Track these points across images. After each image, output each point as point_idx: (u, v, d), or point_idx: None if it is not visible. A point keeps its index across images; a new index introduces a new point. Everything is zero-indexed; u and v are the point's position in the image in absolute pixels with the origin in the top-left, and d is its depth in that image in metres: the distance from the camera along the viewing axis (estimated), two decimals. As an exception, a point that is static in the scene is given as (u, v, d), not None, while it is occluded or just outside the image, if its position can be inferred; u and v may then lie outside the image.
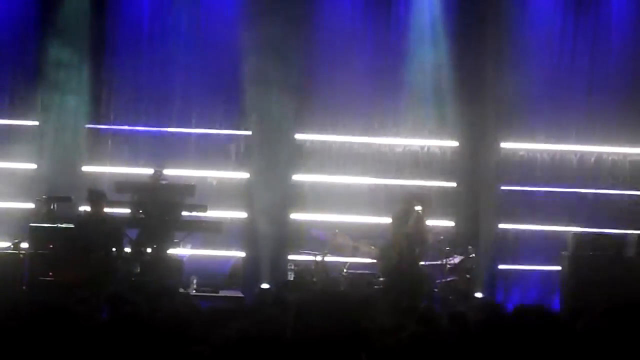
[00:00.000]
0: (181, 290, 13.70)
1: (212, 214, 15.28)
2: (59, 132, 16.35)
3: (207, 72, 16.59)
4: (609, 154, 16.81)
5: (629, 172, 16.81)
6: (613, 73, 16.62)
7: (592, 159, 16.82)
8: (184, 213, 14.52)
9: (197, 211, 14.74)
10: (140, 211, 14.31)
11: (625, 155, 16.84)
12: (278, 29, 16.34)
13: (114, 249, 13.31)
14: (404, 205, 14.35)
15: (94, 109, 16.53)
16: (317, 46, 16.68)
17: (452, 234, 15.86)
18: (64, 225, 14.20)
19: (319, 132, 16.82)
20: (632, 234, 16.02)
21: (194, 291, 14.82)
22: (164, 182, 14.90)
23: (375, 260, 14.92)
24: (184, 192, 14.77)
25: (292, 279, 15.03)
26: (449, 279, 14.48)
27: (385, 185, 16.64)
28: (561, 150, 16.83)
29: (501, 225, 16.70)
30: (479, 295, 15.45)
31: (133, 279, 13.63)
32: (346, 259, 15.03)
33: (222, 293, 15.24)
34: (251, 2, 16.53)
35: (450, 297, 14.41)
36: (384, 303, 10.62)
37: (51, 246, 13.84)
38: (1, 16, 16.58)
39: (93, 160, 16.47)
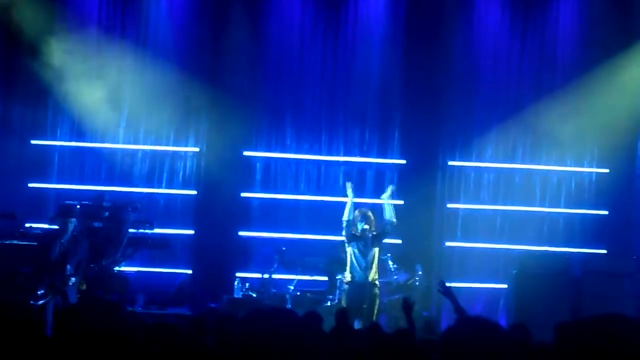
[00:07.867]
0: (128, 307, 13.54)
1: (159, 231, 15.21)
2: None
3: (156, 89, 16.48)
4: (554, 172, 16.96)
5: (575, 190, 16.97)
6: (558, 95, 16.75)
7: (539, 178, 16.95)
8: (130, 230, 14.43)
9: (143, 228, 14.64)
10: (85, 228, 14.18)
11: (571, 174, 17.00)
12: (226, 44, 16.39)
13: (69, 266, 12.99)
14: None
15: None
16: (266, 64, 16.71)
17: (399, 252, 15.85)
18: (6, 242, 14.03)
19: (267, 149, 16.80)
20: (578, 252, 16.16)
21: (140, 308, 14.70)
22: (109, 198, 14.80)
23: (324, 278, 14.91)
24: (130, 209, 14.65)
25: (239, 296, 14.95)
26: (395, 297, 14.48)
27: (334, 203, 16.66)
28: (507, 169, 16.95)
29: (448, 243, 16.78)
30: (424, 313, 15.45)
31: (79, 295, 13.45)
32: (294, 277, 14.99)
33: (169, 310, 15.13)
34: (199, 18, 16.56)
35: (397, 315, 14.40)
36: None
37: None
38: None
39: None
